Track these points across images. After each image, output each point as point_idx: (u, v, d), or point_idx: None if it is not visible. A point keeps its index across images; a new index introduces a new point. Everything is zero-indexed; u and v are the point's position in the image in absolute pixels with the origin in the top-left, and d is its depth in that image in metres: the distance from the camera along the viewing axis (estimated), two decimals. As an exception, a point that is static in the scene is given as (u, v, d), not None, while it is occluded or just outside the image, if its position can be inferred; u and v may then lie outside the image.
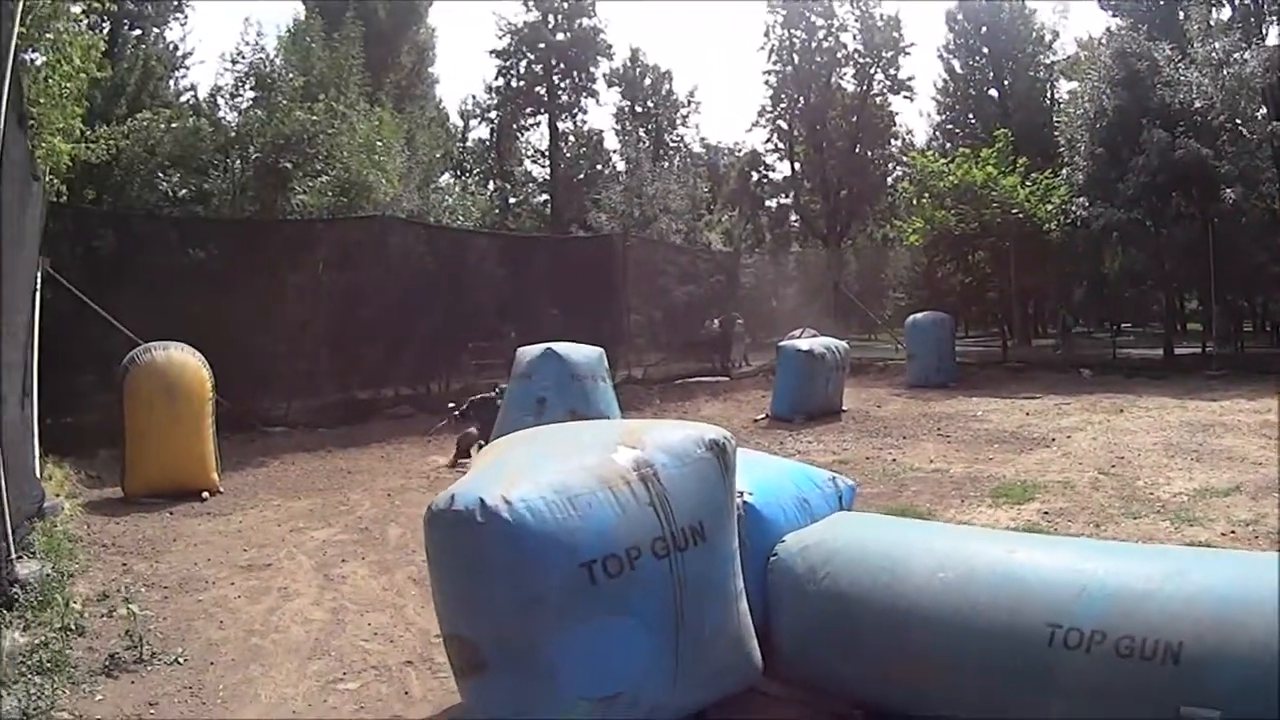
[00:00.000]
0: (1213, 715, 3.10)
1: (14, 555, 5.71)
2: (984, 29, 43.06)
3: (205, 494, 9.50)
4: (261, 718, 4.41)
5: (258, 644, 5.35)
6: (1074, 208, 20.71)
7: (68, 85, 10.98)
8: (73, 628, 5.31)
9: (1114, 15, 32.08)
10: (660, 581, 3.61)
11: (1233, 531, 6.86)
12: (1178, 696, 3.17)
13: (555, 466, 3.70)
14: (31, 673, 4.55)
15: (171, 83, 25.53)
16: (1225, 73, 18.73)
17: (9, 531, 5.65)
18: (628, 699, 3.56)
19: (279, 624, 5.70)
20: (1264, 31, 24.92)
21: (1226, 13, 26.09)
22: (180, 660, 5.03)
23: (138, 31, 24.65)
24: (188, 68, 28.29)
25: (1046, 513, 7.80)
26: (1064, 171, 22.23)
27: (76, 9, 11.36)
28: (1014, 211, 21.91)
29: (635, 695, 3.58)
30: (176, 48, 26.78)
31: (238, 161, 16.99)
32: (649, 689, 3.62)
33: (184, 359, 9.61)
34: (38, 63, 10.55)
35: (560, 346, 11.43)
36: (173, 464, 9.36)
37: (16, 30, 6.24)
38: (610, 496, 3.58)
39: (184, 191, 16.39)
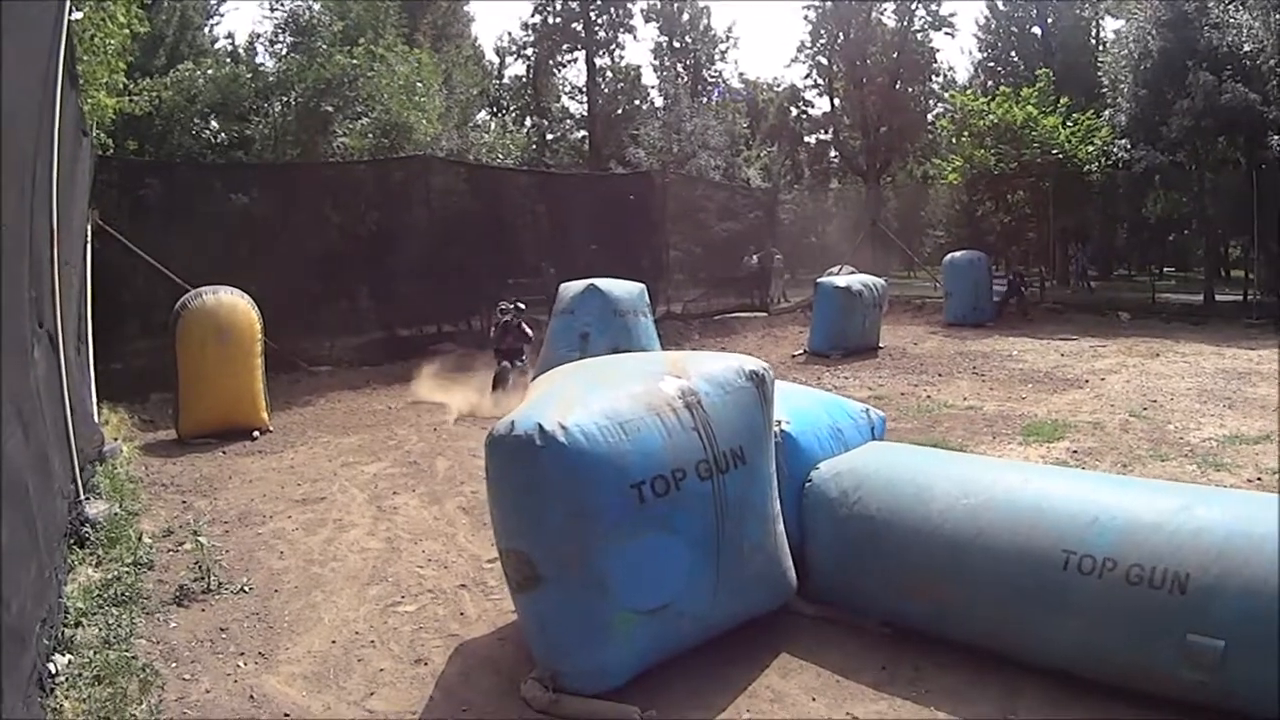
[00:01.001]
0: (1217, 645, 3.31)
1: (83, 497, 5.96)
2: (1029, -36, 41.77)
3: (256, 433, 9.74)
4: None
5: (318, 572, 5.58)
6: (1116, 149, 20.32)
7: (111, 41, 11.13)
8: (142, 562, 5.55)
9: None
10: (703, 501, 3.85)
11: (1259, 479, 6.86)
12: (1185, 624, 3.40)
13: (606, 394, 3.90)
14: (108, 604, 4.77)
15: (206, 29, 25.51)
16: (1278, 16, 18.18)
17: (78, 474, 5.92)
18: (672, 611, 3.81)
19: (337, 553, 5.93)
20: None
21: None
22: (246, 589, 5.26)
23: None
24: (222, 15, 28.19)
25: (1075, 452, 7.89)
26: (1106, 113, 21.75)
27: None
28: (1054, 152, 21.59)
29: (679, 607, 3.83)
30: (211, -6, 26.76)
31: (278, 106, 17.05)
32: (691, 602, 3.87)
33: (234, 302, 9.77)
34: (78, 18, 10.60)
35: (603, 282, 11.50)
36: (225, 404, 9.59)
37: None
38: (658, 422, 3.80)
39: (224, 138, 16.46)
